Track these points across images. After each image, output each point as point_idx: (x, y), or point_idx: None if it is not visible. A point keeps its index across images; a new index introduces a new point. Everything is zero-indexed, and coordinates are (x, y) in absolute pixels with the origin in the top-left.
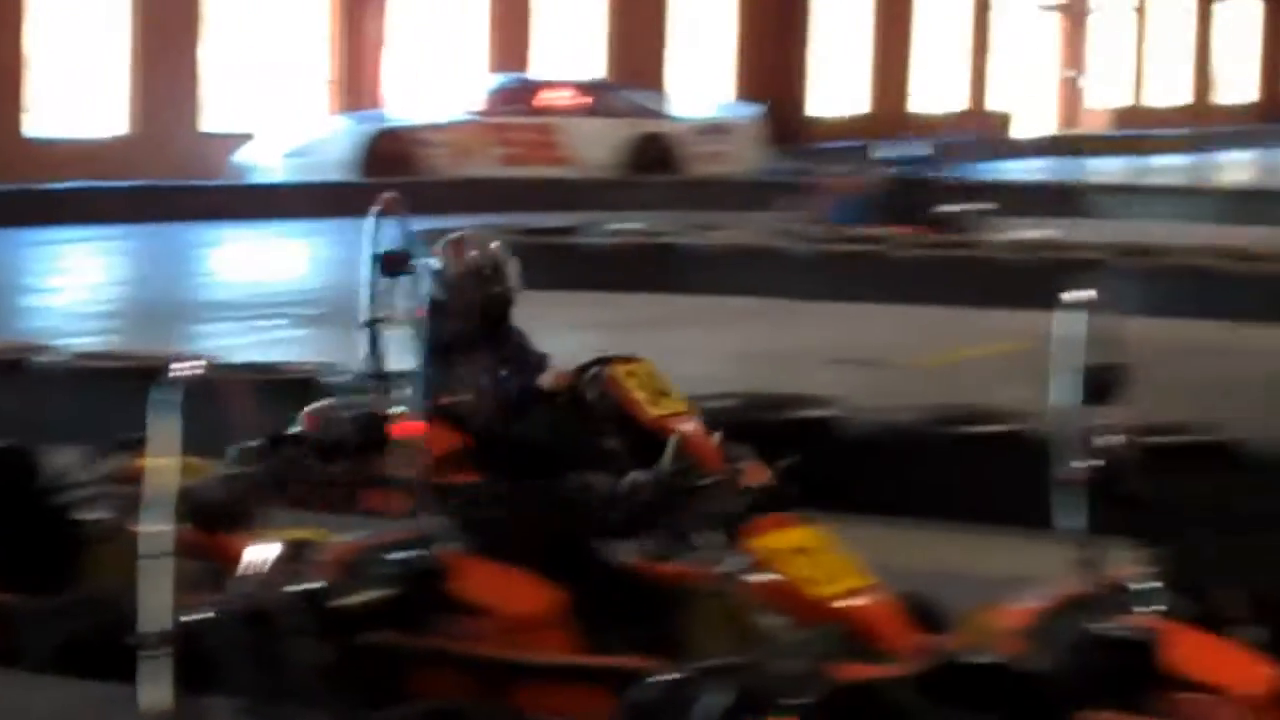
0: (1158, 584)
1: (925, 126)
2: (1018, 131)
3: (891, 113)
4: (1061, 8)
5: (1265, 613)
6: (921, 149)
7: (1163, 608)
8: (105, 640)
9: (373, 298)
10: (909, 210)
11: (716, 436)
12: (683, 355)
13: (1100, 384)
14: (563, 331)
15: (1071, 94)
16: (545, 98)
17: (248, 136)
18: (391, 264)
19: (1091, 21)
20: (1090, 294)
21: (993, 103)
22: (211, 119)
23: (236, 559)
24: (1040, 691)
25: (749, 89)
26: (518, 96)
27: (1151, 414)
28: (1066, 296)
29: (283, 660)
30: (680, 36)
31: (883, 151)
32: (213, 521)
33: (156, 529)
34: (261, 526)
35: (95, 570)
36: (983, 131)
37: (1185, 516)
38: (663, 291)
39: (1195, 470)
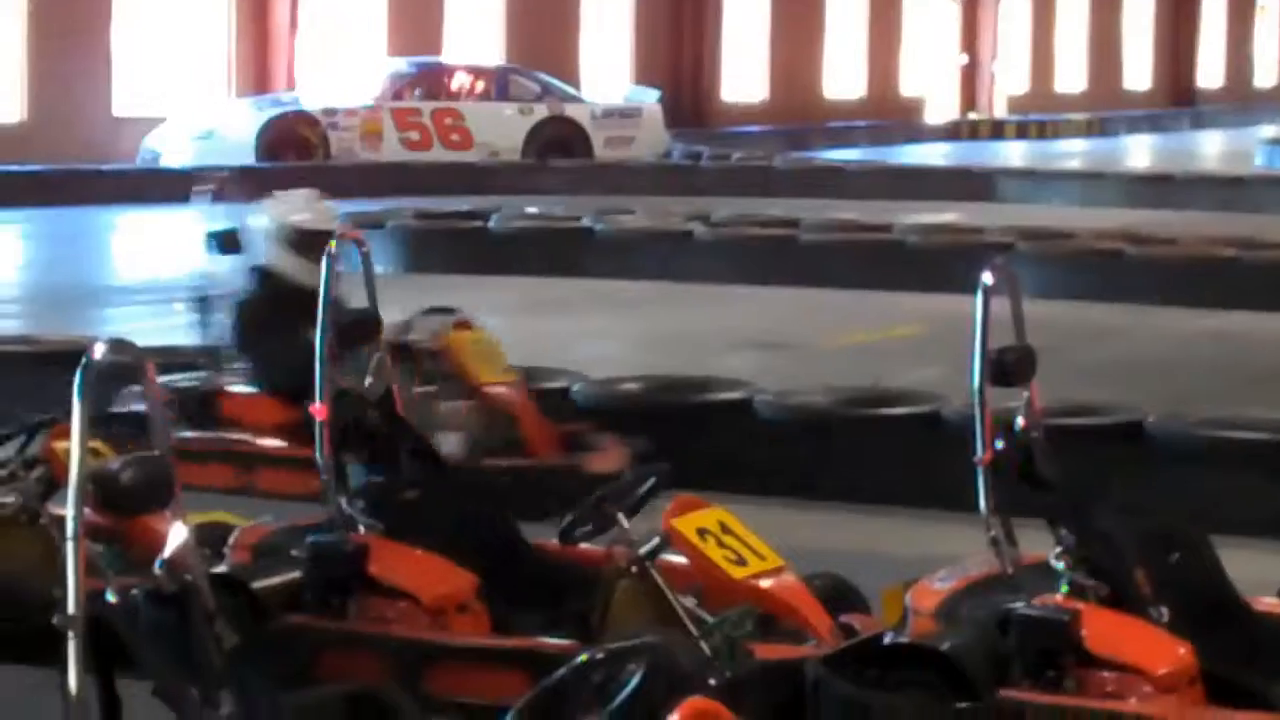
0: (1070, 564)
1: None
2: (930, 117)
3: (801, 98)
4: None
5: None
6: None
7: (1077, 587)
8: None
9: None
10: None
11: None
12: (591, 338)
13: (1009, 366)
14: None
15: (973, 79)
16: (449, 82)
17: (160, 120)
18: (225, 242)
19: (992, 7)
20: (1000, 277)
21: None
22: (124, 102)
23: (149, 541)
24: (959, 671)
25: (655, 74)
26: (422, 81)
27: (1059, 396)
28: (983, 279)
29: (197, 643)
30: (586, 20)
31: None
32: (124, 504)
33: (77, 512)
34: (174, 509)
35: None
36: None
37: (1094, 497)
38: (571, 275)
39: (1103, 452)
